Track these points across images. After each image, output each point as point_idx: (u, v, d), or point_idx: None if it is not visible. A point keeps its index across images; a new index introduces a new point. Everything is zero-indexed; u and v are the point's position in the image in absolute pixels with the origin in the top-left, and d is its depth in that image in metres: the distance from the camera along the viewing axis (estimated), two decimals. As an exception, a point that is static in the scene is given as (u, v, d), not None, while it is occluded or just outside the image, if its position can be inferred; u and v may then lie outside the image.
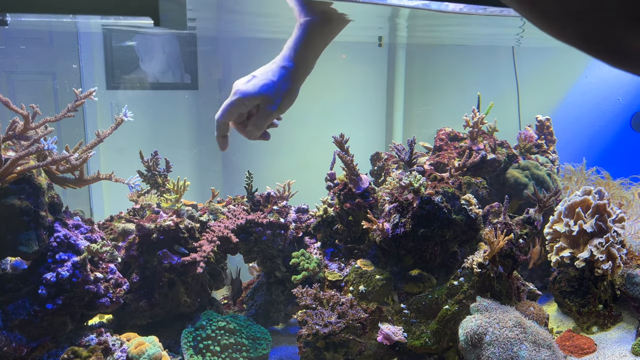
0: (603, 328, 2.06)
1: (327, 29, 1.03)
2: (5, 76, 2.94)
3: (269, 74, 0.96)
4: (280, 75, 0.95)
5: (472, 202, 2.01)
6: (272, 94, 0.94)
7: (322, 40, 1.02)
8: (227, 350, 1.92)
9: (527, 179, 2.49)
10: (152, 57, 3.24)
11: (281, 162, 3.41)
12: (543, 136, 2.85)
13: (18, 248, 1.62)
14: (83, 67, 3.02)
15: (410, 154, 2.22)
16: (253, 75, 0.95)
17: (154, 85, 3.26)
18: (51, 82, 3.00)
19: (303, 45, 0.98)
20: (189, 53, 3.30)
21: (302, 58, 0.97)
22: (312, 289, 1.82)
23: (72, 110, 1.78)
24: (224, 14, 2.39)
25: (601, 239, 2.03)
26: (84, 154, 1.79)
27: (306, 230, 2.26)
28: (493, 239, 1.79)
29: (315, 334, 1.69)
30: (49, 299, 1.65)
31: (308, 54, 0.99)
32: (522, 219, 2.11)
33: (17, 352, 1.62)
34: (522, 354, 1.56)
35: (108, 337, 1.74)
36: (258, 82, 0.94)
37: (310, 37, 0.99)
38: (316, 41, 1.00)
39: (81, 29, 2.94)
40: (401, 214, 1.95)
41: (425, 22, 2.61)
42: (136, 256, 1.96)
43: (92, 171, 1.88)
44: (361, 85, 3.80)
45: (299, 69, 0.98)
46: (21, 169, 1.59)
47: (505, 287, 1.86)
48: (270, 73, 0.96)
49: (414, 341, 1.75)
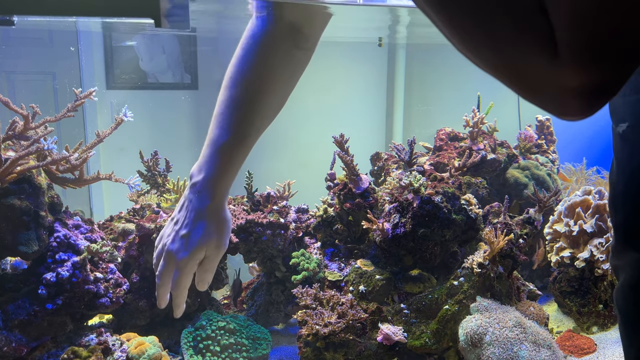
0: (603, 328, 2.06)
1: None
2: (5, 76, 2.94)
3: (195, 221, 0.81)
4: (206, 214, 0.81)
5: (472, 202, 2.01)
6: (211, 232, 0.82)
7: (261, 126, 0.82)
8: (227, 350, 1.92)
9: (527, 179, 2.49)
10: (152, 57, 3.23)
11: (281, 162, 3.41)
12: (543, 136, 2.85)
13: (18, 248, 1.61)
14: (83, 67, 3.02)
15: (410, 154, 2.21)
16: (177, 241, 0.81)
17: (154, 85, 3.26)
18: (51, 82, 3.00)
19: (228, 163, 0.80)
20: (189, 53, 3.29)
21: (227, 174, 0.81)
22: (312, 289, 1.82)
23: (72, 110, 1.78)
24: (224, 14, 2.39)
25: (601, 239, 2.03)
26: (84, 154, 1.79)
27: (306, 230, 2.26)
28: (493, 239, 1.79)
29: (315, 334, 1.69)
30: (49, 299, 1.65)
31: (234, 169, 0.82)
32: (522, 219, 2.11)
33: (17, 352, 1.62)
34: (522, 354, 1.56)
35: (108, 337, 1.74)
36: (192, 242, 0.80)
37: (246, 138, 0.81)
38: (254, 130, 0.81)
39: (81, 28, 2.93)
40: (401, 214, 1.95)
41: (426, 21, 2.61)
42: (136, 256, 1.96)
43: (92, 171, 1.88)
44: (361, 85, 3.80)
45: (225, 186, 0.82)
46: (21, 169, 1.59)
47: (505, 287, 1.86)
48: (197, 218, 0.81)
49: (414, 341, 1.75)
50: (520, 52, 0.37)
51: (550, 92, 0.38)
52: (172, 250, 0.81)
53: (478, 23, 0.38)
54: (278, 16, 0.81)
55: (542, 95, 0.39)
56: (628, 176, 0.80)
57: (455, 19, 0.39)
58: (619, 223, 0.83)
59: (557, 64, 0.36)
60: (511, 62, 0.38)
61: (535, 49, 0.36)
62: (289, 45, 0.82)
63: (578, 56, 0.35)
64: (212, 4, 1.73)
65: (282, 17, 0.82)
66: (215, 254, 0.83)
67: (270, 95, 0.83)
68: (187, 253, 0.80)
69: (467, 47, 0.40)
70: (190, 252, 0.80)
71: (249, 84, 0.81)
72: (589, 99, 0.37)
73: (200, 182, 0.80)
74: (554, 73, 0.36)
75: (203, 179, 0.80)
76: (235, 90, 0.81)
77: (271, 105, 0.83)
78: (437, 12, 0.40)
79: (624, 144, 0.81)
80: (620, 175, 0.81)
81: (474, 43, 0.39)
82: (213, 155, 0.80)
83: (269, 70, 0.82)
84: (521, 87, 0.40)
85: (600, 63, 0.35)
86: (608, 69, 0.35)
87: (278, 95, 0.84)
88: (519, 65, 0.38)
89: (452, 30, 0.40)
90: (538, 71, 0.37)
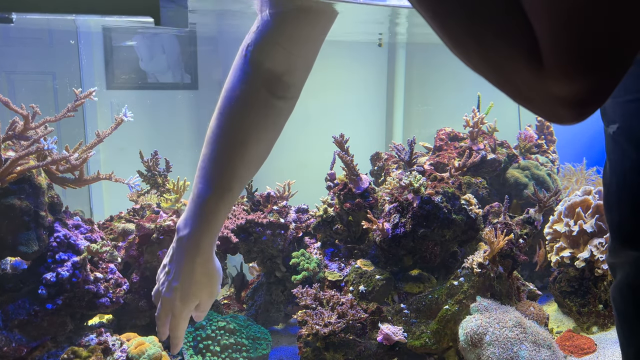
0: (603, 328, 2.06)
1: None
2: (5, 76, 2.94)
3: (183, 276, 0.83)
4: (191, 268, 0.82)
5: (472, 202, 2.01)
6: (200, 287, 0.84)
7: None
8: (227, 350, 1.92)
9: (527, 179, 2.49)
10: (152, 57, 3.24)
11: (281, 162, 3.41)
12: (543, 136, 2.85)
13: (18, 248, 1.61)
14: (83, 67, 3.02)
15: (410, 154, 2.21)
16: (174, 296, 0.83)
17: (154, 85, 3.26)
18: (51, 82, 3.00)
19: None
20: (189, 53, 3.30)
21: (211, 227, 0.81)
22: (312, 289, 1.82)
23: (72, 110, 1.78)
24: (224, 13, 2.39)
25: (601, 239, 2.03)
26: (84, 154, 1.79)
27: (306, 230, 2.26)
28: (493, 239, 1.79)
29: (315, 334, 1.69)
30: (49, 299, 1.65)
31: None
32: (522, 219, 2.11)
33: (17, 352, 1.62)
34: (522, 354, 1.56)
35: (108, 337, 1.74)
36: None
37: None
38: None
39: (81, 28, 2.94)
40: (401, 214, 1.95)
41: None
42: (136, 256, 1.96)
43: (92, 171, 1.88)
44: (361, 85, 3.80)
45: (211, 239, 0.83)
46: (21, 169, 1.59)
47: (505, 287, 1.86)
48: (184, 272, 0.82)
49: (414, 341, 1.75)
50: (508, 61, 0.37)
51: (539, 100, 0.38)
52: (168, 298, 0.83)
53: (468, 31, 0.38)
54: (257, 64, 0.78)
55: (532, 102, 0.39)
56: (620, 177, 0.80)
57: (447, 25, 0.40)
58: (613, 223, 0.83)
59: (543, 75, 0.36)
60: (500, 70, 0.39)
61: (521, 60, 0.36)
62: (267, 95, 0.80)
63: (562, 68, 0.35)
64: (212, 3, 1.73)
65: (260, 65, 0.79)
66: (208, 301, 0.87)
67: (253, 146, 0.81)
68: (181, 304, 0.83)
69: (459, 52, 0.41)
70: (184, 304, 0.84)
71: (229, 137, 0.80)
72: (579, 107, 0.37)
73: (186, 237, 0.81)
74: (541, 83, 0.36)
75: (189, 235, 0.81)
76: (216, 145, 0.80)
77: (255, 155, 0.82)
78: (432, 18, 0.41)
79: (615, 145, 0.81)
80: (613, 176, 0.82)
81: (466, 50, 0.40)
82: (197, 210, 0.80)
83: (248, 123, 0.80)
84: (512, 94, 0.40)
85: (586, 73, 0.35)
86: (595, 78, 0.35)
87: (261, 145, 0.82)
88: (508, 74, 0.38)
89: (445, 36, 0.41)
90: (526, 80, 0.37)
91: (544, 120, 2.84)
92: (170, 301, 0.83)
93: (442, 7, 0.39)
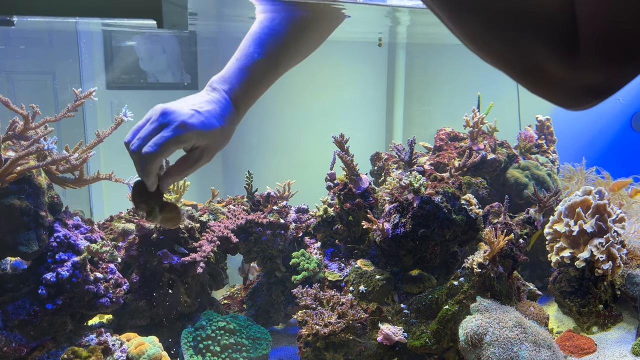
0: (603, 328, 2.06)
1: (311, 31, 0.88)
2: (5, 76, 2.94)
3: (217, 109, 0.78)
4: (229, 114, 0.79)
5: (472, 202, 2.01)
6: (222, 139, 0.79)
7: (296, 53, 0.87)
8: (227, 350, 1.92)
9: (527, 179, 2.49)
10: (152, 57, 3.24)
11: (281, 162, 3.41)
12: (543, 136, 2.85)
13: (18, 248, 1.61)
14: (83, 67, 3.02)
15: (410, 154, 2.21)
16: (195, 110, 0.76)
17: (154, 85, 3.26)
18: (51, 82, 3.00)
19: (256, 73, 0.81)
20: (189, 53, 3.30)
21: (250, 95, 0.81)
22: (312, 289, 1.82)
23: (72, 110, 1.78)
24: (224, 12, 2.39)
25: (601, 239, 2.03)
26: (84, 154, 1.79)
27: (306, 230, 2.26)
28: (493, 239, 1.79)
29: (315, 334, 1.69)
30: (49, 299, 1.65)
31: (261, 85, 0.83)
32: (522, 219, 2.11)
33: (17, 352, 1.62)
34: (522, 354, 1.56)
35: (108, 337, 1.74)
36: (208, 121, 0.76)
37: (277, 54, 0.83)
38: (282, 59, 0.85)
39: (81, 28, 2.93)
40: (401, 214, 1.95)
41: (426, 21, 2.61)
42: (136, 256, 1.96)
43: (92, 171, 1.88)
44: (361, 85, 3.80)
45: (245, 107, 0.82)
46: (21, 169, 1.59)
47: (505, 287, 1.86)
48: (219, 109, 0.78)
49: (414, 341, 1.75)
50: (538, 51, 0.38)
51: (562, 88, 0.39)
52: (173, 107, 0.78)
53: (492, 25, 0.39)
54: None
55: (553, 90, 0.40)
56: None
57: (467, 20, 0.40)
58: None
59: (575, 64, 0.37)
60: (526, 61, 0.39)
61: (553, 50, 0.38)
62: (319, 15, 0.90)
63: (603, 57, 0.37)
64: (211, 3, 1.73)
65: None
66: (204, 154, 0.78)
67: (309, 37, 0.88)
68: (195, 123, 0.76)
69: (476, 44, 0.41)
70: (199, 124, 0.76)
71: (295, 22, 0.86)
72: (601, 94, 0.39)
73: (227, 90, 0.81)
74: (571, 71, 0.38)
75: (229, 90, 0.81)
76: (278, 25, 0.84)
77: (307, 44, 0.88)
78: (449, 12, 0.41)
79: None
80: None
81: (484, 42, 0.41)
82: (243, 70, 0.81)
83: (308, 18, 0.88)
84: (532, 82, 0.41)
85: (622, 64, 0.37)
86: (628, 69, 0.37)
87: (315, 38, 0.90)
88: (535, 64, 0.39)
89: (463, 30, 0.41)
90: (553, 69, 0.38)
91: (551, 116, 2.84)
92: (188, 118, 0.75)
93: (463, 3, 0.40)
